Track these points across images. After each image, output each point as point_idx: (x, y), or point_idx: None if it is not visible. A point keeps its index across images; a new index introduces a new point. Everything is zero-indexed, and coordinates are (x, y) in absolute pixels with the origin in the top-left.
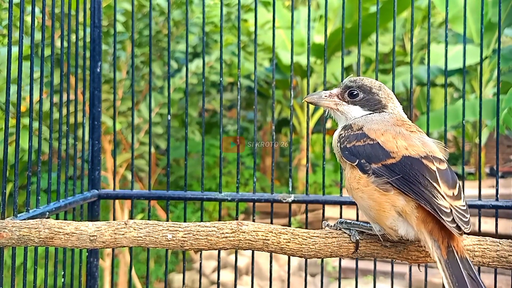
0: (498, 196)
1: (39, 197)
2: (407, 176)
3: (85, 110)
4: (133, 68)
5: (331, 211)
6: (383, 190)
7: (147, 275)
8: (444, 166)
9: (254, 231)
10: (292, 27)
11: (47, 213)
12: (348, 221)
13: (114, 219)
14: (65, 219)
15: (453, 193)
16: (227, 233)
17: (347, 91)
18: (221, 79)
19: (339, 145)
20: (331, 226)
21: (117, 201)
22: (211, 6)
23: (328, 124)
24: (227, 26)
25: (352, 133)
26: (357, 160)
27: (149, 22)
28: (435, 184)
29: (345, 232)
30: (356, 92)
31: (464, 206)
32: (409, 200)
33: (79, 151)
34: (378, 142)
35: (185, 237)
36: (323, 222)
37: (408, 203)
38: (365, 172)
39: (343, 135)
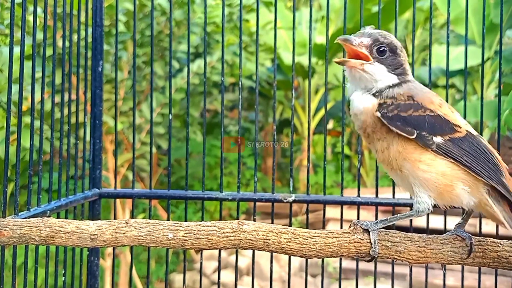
0: None
1: (40, 196)
2: (477, 154)
3: (86, 110)
4: (135, 68)
5: (332, 212)
6: (453, 164)
7: (147, 275)
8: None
9: (255, 231)
10: (294, 27)
11: (48, 212)
12: (383, 219)
13: (115, 219)
14: (66, 218)
15: None
16: (228, 232)
17: (376, 46)
18: (222, 79)
19: (382, 113)
20: (364, 224)
21: (118, 201)
22: (213, 6)
23: (330, 125)
24: (229, 27)
25: (402, 102)
26: (416, 132)
27: (151, 22)
28: (499, 164)
29: (369, 242)
30: (384, 48)
31: None
32: (478, 177)
33: (80, 151)
34: (439, 114)
35: (186, 237)
36: (353, 221)
37: (477, 180)
38: (427, 145)
39: (388, 103)
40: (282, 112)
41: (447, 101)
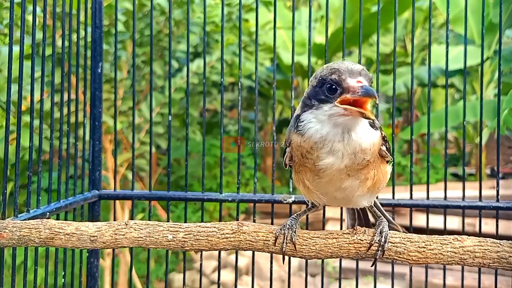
0: (499, 197)
1: (40, 198)
2: None
3: (85, 110)
4: (134, 68)
5: (332, 212)
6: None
7: (147, 274)
8: None
9: (254, 232)
10: (293, 27)
11: (48, 213)
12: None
13: (114, 219)
14: (65, 219)
15: None
16: (227, 233)
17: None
18: (222, 79)
19: (385, 145)
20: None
21: (117, 200)
22: (212, 6)
23: None
24: (228, 26)
25: (382, 132)
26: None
27: (150, 21)
28: None
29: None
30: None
31: None
32: None
33: (80, 150)
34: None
35: (185, 238)
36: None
37: None
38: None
39: (383, 135)
40: (281, 111)
41: (446, 100)
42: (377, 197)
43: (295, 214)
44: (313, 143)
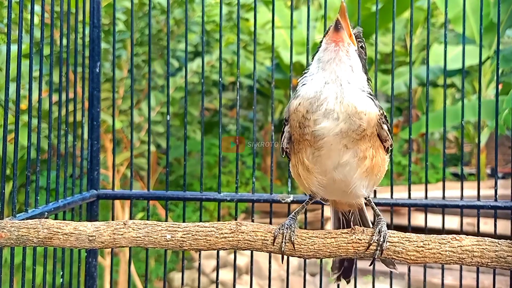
0: (498, 196)
1: (38, 197)
2: None
3: (84, 109)
4: (132, 67)
5: (330, 211)
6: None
7: (146, 274)
8: None
9: (253, 232)
10: (292, 26)
11: (46, 213)
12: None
13: (113, 219)
14: (64, 219)
15: None
16: (226, 233)
17: (357, 39)
18: (220, 78)
19: (387, 125)
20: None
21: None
22: (212, 5)
23: None
24: (228, 25)
25: (383, 112)
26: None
27: (149, 21)
28: None
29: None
30: (363, 45)
31: None
32: None
33: (78, 149)
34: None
35: (184, 238)
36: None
37: None
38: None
39: (381, 112)
40: (281, 111)
41: (445, 100)
42: (374, 195)
43: (293, 213)
44: (308, 104)
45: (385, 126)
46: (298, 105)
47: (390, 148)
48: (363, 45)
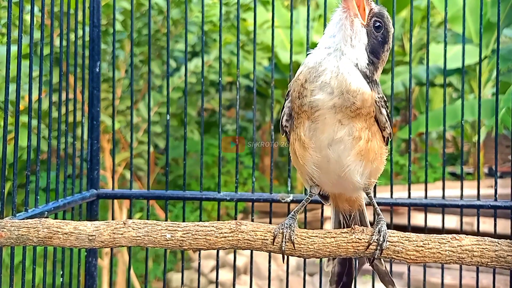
0: (497, 196)
1: (38, 197)
2: None
3: (84, 110)
4: (132, 67)
5: (330, 211)
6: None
7: (145, 274)
8: None
9: (252, 231)
10: (291, 26)
11: (46, 212)
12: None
13: (113, 218)
14: (63, 218)
15: None
16: (225, 233)
17: (374, 18)
18: (219, 78)
19: (386, 109)
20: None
21: (116, 200)
22: (210, 5)
23: None
24: (226, 25)
25: (383, 96)
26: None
27: (148, 21)
28: None
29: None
30: (379, 25)
31: None
32: None
33: (78, 149)
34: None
35: (183, 237)
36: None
37: None
38: (384, 141)
39: (381, 95)
40: (279, 111)
41: (444, 100)
42: (374, 195)
43: (293, 212)
44: (308, 72)
45: (384, 111)
46: (300, 73)
47: (389, 139)
48: (381, 26)
